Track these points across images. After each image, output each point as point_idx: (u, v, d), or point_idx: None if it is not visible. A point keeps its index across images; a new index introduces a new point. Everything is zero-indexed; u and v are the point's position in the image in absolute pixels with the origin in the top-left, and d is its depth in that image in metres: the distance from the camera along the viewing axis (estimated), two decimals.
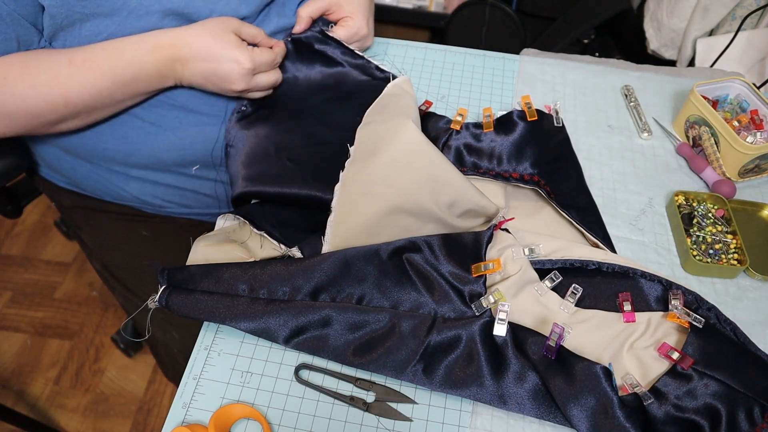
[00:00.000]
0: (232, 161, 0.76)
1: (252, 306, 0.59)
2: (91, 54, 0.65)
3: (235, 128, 0.77)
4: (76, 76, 0.64)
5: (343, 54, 0.81)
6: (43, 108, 0.64)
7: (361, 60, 0.81)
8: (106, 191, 0.83)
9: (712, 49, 1.21)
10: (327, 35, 0.81)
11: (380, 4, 2.21)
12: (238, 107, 0.78)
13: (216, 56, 0.67)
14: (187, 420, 0.57)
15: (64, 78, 0.64)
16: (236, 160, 0.75)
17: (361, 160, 0.65)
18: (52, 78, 0.63)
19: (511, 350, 0.58)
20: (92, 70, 0.64)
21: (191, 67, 0.68)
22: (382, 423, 0.57)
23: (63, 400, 1.45)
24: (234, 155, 0.76)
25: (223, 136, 0.78)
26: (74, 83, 0.64)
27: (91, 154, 0.77)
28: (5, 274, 1.66)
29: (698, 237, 0.71)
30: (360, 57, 0.82)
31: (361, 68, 0.81)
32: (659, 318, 0.62)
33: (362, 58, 0.81)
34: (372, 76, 0.81)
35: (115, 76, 0.65)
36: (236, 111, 0.78)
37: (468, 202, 0.65)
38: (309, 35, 0.80)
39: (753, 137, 0.75)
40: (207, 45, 0.67)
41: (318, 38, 0.80)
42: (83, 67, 0.64)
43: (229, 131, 0.77)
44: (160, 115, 0.74)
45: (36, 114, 0.65)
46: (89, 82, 0.64)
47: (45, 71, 0.63)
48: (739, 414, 0.55)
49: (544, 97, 0.88)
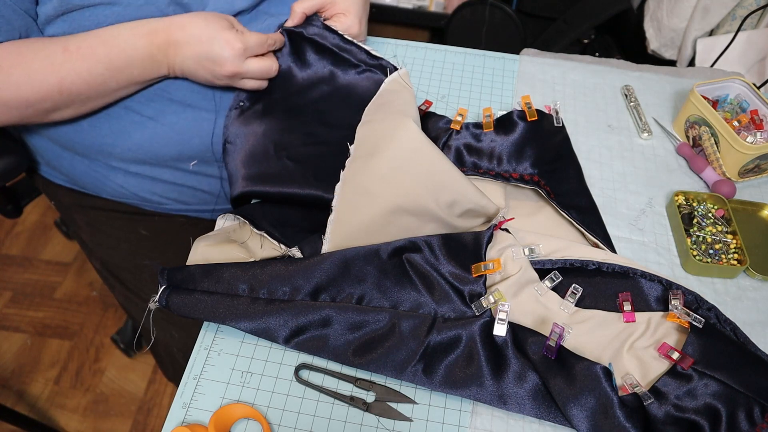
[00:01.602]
0: (230, 158, 0.75)
1: (252, 306, 0.59)
2: (86, 41, 0.65)
3: (234, 125, 0.77)
4: (70, 63, 0.64)
5: (334, 41, 0.81)
6: (38, 96, 0.65)
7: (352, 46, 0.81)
8: (105, 188, 0.83)
9: (712, 49, 1.21)
10: (324, 25, 0.80)
11: (380, 4, 2.21)
12: (236, 103, 0.78)
13: (208, 38, 0.68)
14: (187, 420, 0.57)
15: (58, 66, 0.64)
16: (235, 158, 0.75)
17: (361, 159, 0.65)
18: (47, 66, 0.64)
19: (511, 350, 0.58)
20: (87, 57, 0.65)
21: (184, 51, 0.68)
22: (382, 423, 0.57)
23: (63, 400, 1.45)
24: (232, 152, 0.76)
25: (221, 131, 0.78)
26: (69, 70, 0.64)
27: (89, 150, 0.77)
28: (5, 274, 1.66)
29: (698, 237, 0.71)
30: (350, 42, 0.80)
31: (353, 54, 0.80)
32: (659, 318, 0.62)
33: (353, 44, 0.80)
34: (364, 63, 0.80)
35: (110, 62, 0.66)
36: (234, 107, 0.78)
37: (468, 202, 0.65)
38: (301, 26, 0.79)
39: (753, 137, 0.75)
40: (200, 27, 0.68)
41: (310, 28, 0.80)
42: (78, 53, 0.64)
43: (227, 127, 0.77)
44: (158, 109, 0.74)
45: (31, 102, 0.65)
46: (84, 69, 0.65)
47: (40, 59, 0.64)
48: (739, 414, 0.55)
49: (544, 97, 0.88)
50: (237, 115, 0.77)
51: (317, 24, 0.80)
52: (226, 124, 0.77)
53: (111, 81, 0.68)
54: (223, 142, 0.77)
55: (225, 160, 0.76)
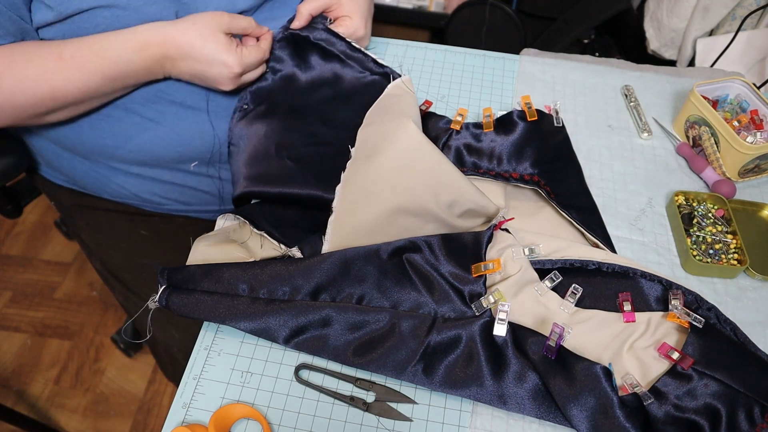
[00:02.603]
0: (234, 160, 0.76)
1: (252, 306, 0.59)
2: (80, 50, 0.64)
3: (238, 127, 0.77)
4: (64, 72, 0.64)
5: (342, 48, 0.81)
6: (31, 101, 0.64)
7: (359, 54, 0.81)
8: (105, 188, 0.83)
9: (712, 49, 1.21)
10: (328, 29, 0.80)
11: (380, 4, 2.21)
12: (239, 105, 0.78)
13: (205, 59, 0.67)
14: (187, 420, 0.57)
15: (51, 74, 0.64)
16: (238, 160, 0.75)
17: (362, 161, 0.65)
18: (41, 73, 0.63)
19: (511, 350, 0.58)
20: (80, 67, 0.64)
21: (180, 65, 0.68)
22: (382, 423, 0.57)
23: (63, 400, 1.45)
24: (236, 154, 0.76)
25: (223, 132, 0.79)
26: (62, 79, 0.64)
27: (89, 151, 0.77)
28: (5, 274, 1.66)
29: (698, 237, 0.71)
30: (358, 50, 0.81)
31: (359, 62, 0.81)
32: (659, 318, 0.62)
33: (360, 52, 0.81)
34: (370, 71, 0.81)
35: (103, 74, 0.65)
36: (238, 109, 0.78)
37: (468, 202, 0.65)
38: (306, 29, 0.80)
39: (753, 137, 0.75)
40: (196, 46, 0.66)
41: (316, 32, 0.80)
42: (71, 63, 0.64)
43: (231, 130, 0.77)
44: (159, 111, 0.74)
45: (23, 107, 0.65)
46: (77, 78, 0.65)
47: (33, 66, 0.63)
48: (739, 414, 0.55)
49: (544, 97, 0.88)
50: (240, 117, 0.78)
51: (324, 28, 0.80)
52: (230, 127, 0.78)
53: (105, 88, 0.67)
54: (228, 144, 0.78)
55: (230, 161, 0.77)
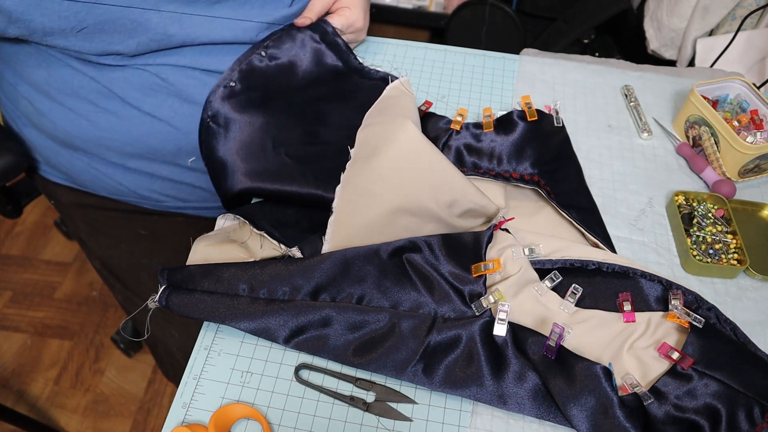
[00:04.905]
0: (220, 142, 0.73)
1: (252, 306, 0.59)
2: None
3: (223, 106, 0.74)
4: None
5: (342, 55, 0.81)
6: None
7: (358, 64, 0.81)
8: (103, 185, 0.83)
9: (712, 49, 1.21)
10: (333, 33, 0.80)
11: (380, 4, 2.21)
12: (224, 82, 0.75)
13: None
14: (187, 420, 0.57)
15: None
16: (228, 146, 0.73)
17: (361, 161, 0.65)
18: None
19: (511, 350, 0.58)
20: None
21: None
22: (382, 423, 0.57)
23: (63, 400, 1.45)
24: (221, 136, 0.73)
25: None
26: None
27: (87, 144, 0.77)
28: (5, 274, 1.66)
29: (698, 237, 0.71)
30: (357, 61, 0.81)
31: (358, 71, 0.81)
32: (659, 318, 0.62)
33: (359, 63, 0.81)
34: (369, 77, 0.81)
35: None
36: (222, 85, 0.75)
37: (468, 202, 0.65)
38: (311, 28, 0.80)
39: (753, 137, 0.75)
40: None
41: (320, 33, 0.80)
42: None
43: (211, 104, 0.74)
44: (156, 104, 0.74)
45: None
46: None
47: None
48: (739, 414, 0.55)
49: (544, 97, 0.88)
50: (225, 94, 0.74)
51: (329, 30, 0.80)
52: (210, 99, 0.74)
53: None
54: (203, 119, 0.73)
55: (212, 142, 0.73)
